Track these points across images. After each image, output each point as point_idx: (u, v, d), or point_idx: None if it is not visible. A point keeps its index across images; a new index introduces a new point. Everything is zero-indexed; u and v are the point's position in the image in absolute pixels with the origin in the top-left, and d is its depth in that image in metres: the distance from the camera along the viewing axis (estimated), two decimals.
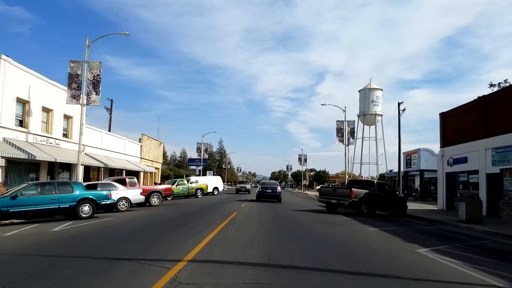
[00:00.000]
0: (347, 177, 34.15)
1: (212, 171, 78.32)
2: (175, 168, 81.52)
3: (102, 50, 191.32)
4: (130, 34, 19.68)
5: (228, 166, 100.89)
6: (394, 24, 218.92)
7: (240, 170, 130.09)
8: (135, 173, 36.51)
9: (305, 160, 78.22)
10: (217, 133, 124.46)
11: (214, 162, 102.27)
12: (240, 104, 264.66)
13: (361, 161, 66.74)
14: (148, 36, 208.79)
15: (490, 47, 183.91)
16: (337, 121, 35.00)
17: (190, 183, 33.16)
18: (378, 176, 65.35)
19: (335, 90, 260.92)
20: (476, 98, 21.48)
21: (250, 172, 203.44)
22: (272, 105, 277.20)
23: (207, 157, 63.45)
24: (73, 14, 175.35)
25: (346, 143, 34.32)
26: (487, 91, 27.63)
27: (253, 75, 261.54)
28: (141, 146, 37.15)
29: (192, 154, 78.55)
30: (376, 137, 66.04)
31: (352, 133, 34.93)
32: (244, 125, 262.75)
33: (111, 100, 46.13)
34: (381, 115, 64.77)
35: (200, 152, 54.73)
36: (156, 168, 42.64)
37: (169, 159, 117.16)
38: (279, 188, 26.87)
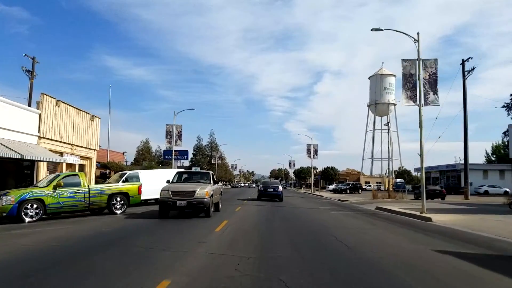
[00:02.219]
0: (423, 162, 17.49)
1: (199, 167, 63.87)
2: (159, 165, 64.50)
3: (102, 50, 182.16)
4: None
5: (219, 162, 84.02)
6: (392, 23, 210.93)
7: (236, 168, 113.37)
8: (29, 165, 19.67)
9: (316, 151, 61.42)
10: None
11: (204, 158, 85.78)
12: (239, 103, 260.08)
13: (373, 155, 56.55)
14: (147, 36, 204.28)
15: (488, 46, 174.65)
16: (402, 60, 18.31)
17: (123, 181, 16.58)
18: (391, 172, 54.75)
19: (333, 89, 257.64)
20: None
21: (248, 171, 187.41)
22: (271, 104, 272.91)
23: (182, 146, 46.45)
24: (71, 14, 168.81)
25: (422, 101, 17.55)
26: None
27: (251, 74, 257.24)
28: (39, 115, 20.27)
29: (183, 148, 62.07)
30: (389, 128, 52.43)
31: (432, 84, 18.00)
32: (243, 124, 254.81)
33: (33, 58, 29.80)
34: (395, 104, 54.58)
35: (171, 138, 37.71)
36: (84, 158, 25.71)
37: (153, 155, 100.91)
38: (280, 187, 26.83)
